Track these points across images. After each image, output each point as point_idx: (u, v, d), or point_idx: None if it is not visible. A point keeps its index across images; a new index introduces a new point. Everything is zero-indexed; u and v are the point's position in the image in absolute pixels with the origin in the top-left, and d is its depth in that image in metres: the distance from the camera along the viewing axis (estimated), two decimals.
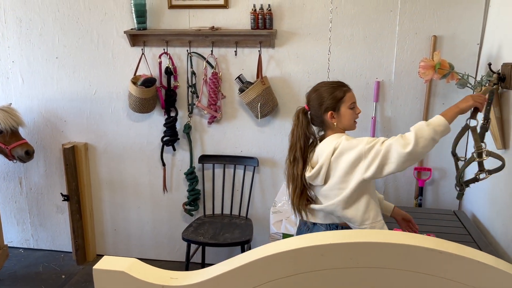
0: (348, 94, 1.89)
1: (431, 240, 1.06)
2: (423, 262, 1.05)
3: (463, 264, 1.03)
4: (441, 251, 1.03)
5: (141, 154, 3.13)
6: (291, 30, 2.78)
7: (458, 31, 2.63)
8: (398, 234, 1.09)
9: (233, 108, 2.96)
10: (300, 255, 1.09)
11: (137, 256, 3.31)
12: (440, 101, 2.73)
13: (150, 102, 2.89)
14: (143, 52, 2.91)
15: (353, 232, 1.10)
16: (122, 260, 1.21)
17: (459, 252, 1.02)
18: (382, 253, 1.06)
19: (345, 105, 1.87)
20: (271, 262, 1.10)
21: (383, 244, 1.05)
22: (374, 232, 1.09)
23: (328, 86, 1.92)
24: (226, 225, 2.86)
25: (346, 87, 1.91)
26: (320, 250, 1.07)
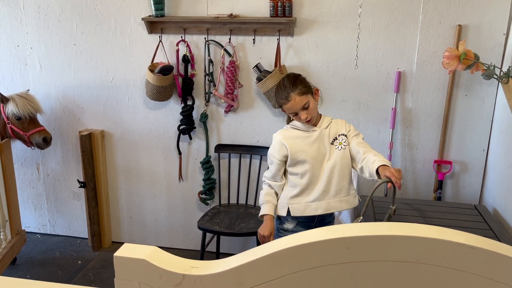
0: (285, 107, 1.99)
1: (462, 235, 1.02)
2: (452, 257, 1.01)
3: (495, 261, 0.99)
4: (472, 246, 0.99)
5: (157, 142, 3.13)
6: (311, 18, 2.73)
7: (484, 21, 2.54)
8: (427, 227, 1.05)
9: (250, 97, 2.92)
10: (324, 247, 1.05)
11: (152, 243, 3.31)
12: (463, 92, 2.66)
13: (167, 90, 2.87)
14: (160, 40, 2.89)
15: (380, 224, 1.07)
16: (143, 248, 1.19)
17: (491, 248, 0.98)
18: (410, 247, 1.02)
19: (286, 111, 2.04)
20: (294, 254, 1.08)
21: (411, 238, 1.02)
22: (402, 225, 1.06)
23: (277, 86, 2.05)
24: (242, 214, 2.85)
25: (289, 95, 1.96)
26: (346, 243, 1.04)
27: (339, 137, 2.06)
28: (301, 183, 2.05)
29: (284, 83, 2.01)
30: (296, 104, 1.96)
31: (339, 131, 2.08)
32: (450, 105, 2.68)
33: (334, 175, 2.02)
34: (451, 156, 2.77)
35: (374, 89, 2.76)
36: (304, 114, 1.98)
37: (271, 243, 1.13)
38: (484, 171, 2.74)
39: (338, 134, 2.07)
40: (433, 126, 2.74)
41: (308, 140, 2.05)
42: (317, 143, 2.04)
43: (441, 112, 2.70)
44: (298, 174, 2.05)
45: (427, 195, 2.85)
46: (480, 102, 2.65)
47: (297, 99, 1.96)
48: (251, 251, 1.15)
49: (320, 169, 2.03)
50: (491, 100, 2.63)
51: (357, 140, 2.04)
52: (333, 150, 2.04)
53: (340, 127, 2.09)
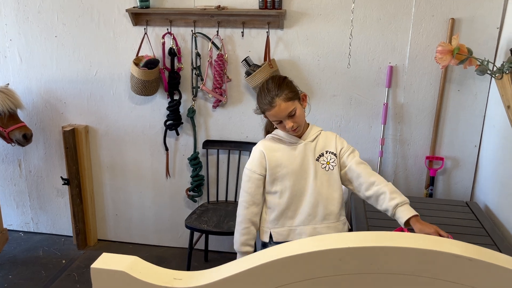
0: (268, 113, 1.77)
1: (459, 245, 0.97)
2: (450, 269, 0.96)
3: (494, 273, 0.94)
4: (470, 258, 0.94)
5: (143, 138, 3.04)
6: (301, 10, 2.65)
7: (477, 14, 2.49)
8: (423, 238, 1.00)
9: (239, 92, 2.85)
10: (315, 259, 1.00)
11: (138, 241, 3.26)
12: (456, 87, 2.61)
13: (152, 85, 2.78)
14: (145, 32, 2.79)
15: (375, 235, 1.01)
16: (122, 258, 1.13)
17: (490, 260, 0.93)
18: (406, 259, 0.97)
19: (269, 118, 1.82)
20: (283, 266, 1.02)
21: (407, 249, 0.96)
22: (397, 235, 1.00)
23: (262, 87, 1.80)
24: (231, 212, 2.79)
25: (273, 100, 1.72)
26: (338, 254, 0.98)
27: (326, 154, 1.83)
28: (280, 204, 1.81)
29: (268, 86, 1.76)
30: (280, 111, 1.72)
31: (326, 146, 1.84)
32: (442, 101, 2.64)
33: (321, 197, 1.80)
34: (443, 152, 2.73)
35: (365, 84, 2.70)
36: (290, 122, 1.74)
37: (259, 254, 1.07)
38: (476, 167, 2.70)
39: (326, 151, 1.83)
40: (425, 122, 2.69)
41: (291, 153, 1.81)
42: (300, 157, 1.81)
43: (433, 107, 2.66)
44: (277, 192, 1.81)
45: (418, 192, 2.81)
46: (473, 97, 2.60)
47: (282, 106, 1.72)
48: (238, 262, 1.09)
49: (304, 188, 1.81)
50: (484, 96, 2.59)
51: (355, 160, 1.81)
52: (318, 168, 1.81)
53: (329, 142, 1.85)
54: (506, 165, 2.31)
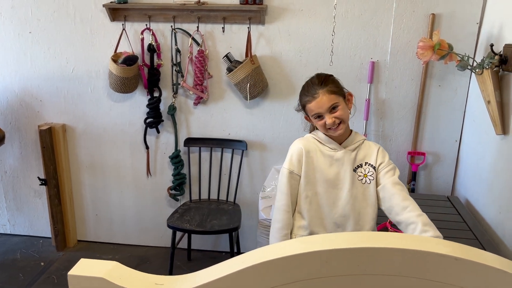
0: (308, 106, 1.65)
1: (446, 245, 0.96)
2: (436, 269, 0.95)
3: (481, 272, 0.93)
4: (456, 257, 0.93)
5: (123, 136, 2.97)
6: (283, 5, 2.62)
7: (457, 9, 2.50)
8: (409, 238, 0.98)
9: (221, 88, 2.81)
10: (301, 261, 0.97)
11: (120, 241, 3.20)
12: (437, 83, 2.62)
13: (132, 82, 2.71)
14: (124, 28, 2.72)
15: (361, 235, 0.99)
16: (101, 264, 1.08)
17: (476, 259, 0.93)
18: (392, 260, 0.96)
19: (309, 114, 1.68)
20: (268, 269, 0.99)
21: (393, 250, 0.95)
22: (382, 235, 0.98)
23: (306, 82, 1.72)
24: (213, 210, 2.75)
25: (309, 96, 1.64)
26: (324, 256, 0.96)
27: (364, 165, 1.69)
28: (310, 210, 1.70)
29: (313, 80, 1.69)
30: (323, 103, 1.60)
31: (367, 157, 1.70)
32: (424, 96, 2.65)
33: (353, 211, 1.69)
34: (424, 147, 2.74)
35: (347, 80, 2.67)
36: (331, 118, 1.61)
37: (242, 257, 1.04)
38: (457, 162, 2.73)
39: (365, 162, 1.70)
40: (407, 117, 2.70)
41: (329, 159, 1.68)
42: (337, 166, 1.68)
43: (414, 103, 2.67)
44: (308, 197, 1.70)
45: None
46: (453, 92, 2.62)
47: (325, 97, 1.60)
48: (220, 266, 1.06)
49: (337, 197, 1.69)
50: (464, 91, 2.61)
51: (392, 179, 1.65)
52: (355, 179, 1.68)
53: (371, 153, 1.71)
54: (486, 159, 2.33)
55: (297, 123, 2.80)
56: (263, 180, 2.88)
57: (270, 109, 2.81)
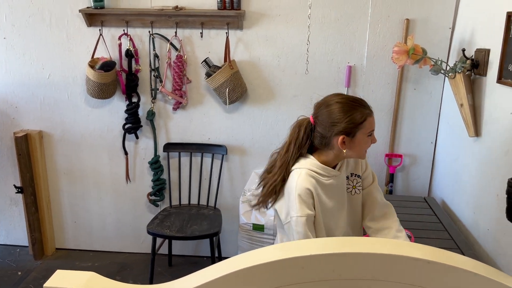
0: (369, 119, 1.53)
1: (418, 248, 0.99)
2: (410, 272, 0.97)
3: (452, 274, 0.96)
4: (429, 260, 0.96)
5: (102, 142, 2.94)
6: (260, 11, 2.64)
7: (431, 15, 2.56)
8: (382, 242, 1.01)
9: (200, 93, 2.81)
10: (278, 267, 0.99)
11: (99, 249, 3.16)
12: (412, 86, 2.68)
13: (109, 87, 2.69)
14: (101, 33, 2.70)
15: (335, 241, 1.01)
16: (78, 275, 1.08)
17: (448, 262, 0.95)
18: (366, 264, 0.98)
19: (363, 131, 1.52)
20: (247, 276, 1.00)
21: (367, 255, 0.97)
22: (358, 241, 1.01)
23: (345, 103, 1.53)
24: (194, 216, 2.75)
25: (368, 109, 1.55)
26: (301, 262, 0.98)
27: (351, 177, 1.67)
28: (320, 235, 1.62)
29: (353, 100, 1.56)
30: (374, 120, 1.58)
31: (352, 169, 1.68)
32: (400, 99, 2.70)
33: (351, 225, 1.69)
34: (401, 149, 2.80)
35: (325, 84, 2.73)
36: (376, 138, 1.61)
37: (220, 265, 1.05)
38: (433, 163, 2.79)
39: (350, 173, 1.67)
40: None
41: (329, 189, 1.59)
42: (337, 191, 1.62)
43: (391, 106, 2.72)
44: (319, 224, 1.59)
45: None
46: (428, 96, 2.68)
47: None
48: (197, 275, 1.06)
49: (339, 218, 1.64)
50: (438, 94, 2.67)
51: (374, 184, 1.70)
52: (347, 194, 1.67)
53: (354, 164, 1.69)
54: (460, 161, 2.39)
55: (277, 127, 2.83)
56: (244, 184, 2.89)
57: (250, 113, 2.82)
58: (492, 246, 2.01)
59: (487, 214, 2.07)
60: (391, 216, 1.66)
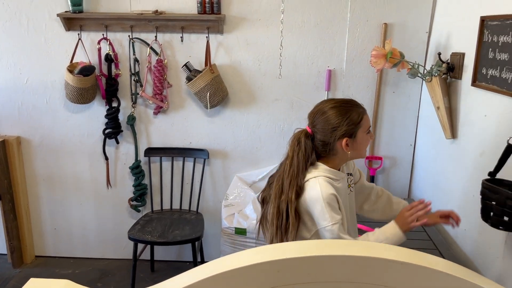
0: (365, 117, 1.61)
1: (392, 250, 1.00)
2: (384, 274, 0.99)
3: (425, 275, 0.97)
4: (402, 262, 0.97)
5: (82, 148, 2.91)
6: (240, 15, 2.65)
7: (408, 19, 2.61)
8: (357, 244, 1.02)
9: (181, 97, 2.80)
10: (254, 271, 0.99)
11: (80, 255, 3.12)
12: (391, 89, 2.72)
13: (89, 92, 2.67)
14: (79, 38, 2.67)
15: (311, 244, 1.02)
16: (52, 283, 1.06)
17: (421, 262, 0.97)
18: (341, 266, 0.99)
19: (362, 130, 1.59)
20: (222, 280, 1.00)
21: (342, 257, 0.98)
22: (332, 243, 1.02)
23: (339, 106, 1.59)
24: (176, 221, 2.73)
25: (361, 107, 1.62)
26: (276, 266, 0.98)
27: (347, 176, 1.73)
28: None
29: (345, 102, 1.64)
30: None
31: (348, 168, 1.75)
32: (379, 102, 2.74)
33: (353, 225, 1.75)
34: (381, 152, 2.83)
35: (306, 88, 2.75)
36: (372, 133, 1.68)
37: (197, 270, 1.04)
38: (412, 165, 2.83)
39: (347, 173, 1.73)
40: None
41: (343, 192, 1.65)
42: (344, 192, 1.67)
43: (370, 109, 2.75)
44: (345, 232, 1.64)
45: None
46: (407, 99, 2.72)
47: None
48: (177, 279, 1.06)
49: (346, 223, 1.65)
50: (417, 97, 2.71)
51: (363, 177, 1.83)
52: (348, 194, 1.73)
53: (348, 163, 1.74)
54: (438, 162, 2.43)
55: (258, 131, 2.84)
56: (226, 188, 2.89)
57: (231, 117, 2.82)
58: (469, 246, 2.05)
59: (464, 215, 2.11)
60: (383, 192, 1.84)
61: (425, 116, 2.65)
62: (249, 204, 2.72)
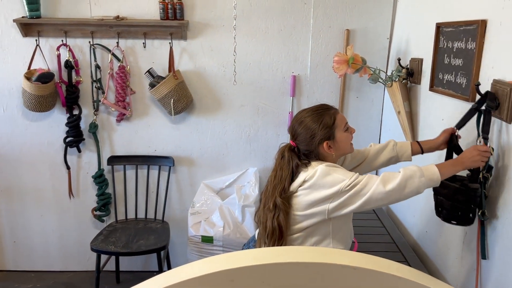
0: (338, 116, 1.65)
1: (346, 255, 1.00)
2: (338, 280, 0.98)
3: (378, 279, 0.97)
4: (355, 267, 0.97)
5: (42, 157, 2.82)
6: (204, 21, 2.63)
7: (370, 26, 2.65)
8: (311, 251, 1.01)
9: (144, 104, 2.75)
10: (207, 282, 0.97)
11: (42, 269, 3.01)
12: (354, 94, 2.75)
13: (48, 100, 2.59)
14: (37, 44, 2.59)
15: (265, 251, 1.01)
16: None
17: (373, 267, 0.97)
18: (295, 273, 0.98)
19: (339, 129, 1.64)
20: None
21: (296, 264, 0.97)
22: (286, 251, 1.01)
23: (311, 115, 1.64)
24: (141, 230, 2.67)
25: (332, 109, 1.67)
26: (230, 275, 0.96)
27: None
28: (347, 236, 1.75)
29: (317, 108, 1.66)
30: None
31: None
32: (343, 107, 2.76)
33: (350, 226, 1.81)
34: None
35: (271, 94, 2.75)
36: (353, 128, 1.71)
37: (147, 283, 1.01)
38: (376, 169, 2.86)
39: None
40: None
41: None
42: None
43: None
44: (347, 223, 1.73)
45: None
46: (370, 103, 2.76)
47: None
48: None
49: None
50: (379, 102, 2.76)
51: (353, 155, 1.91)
52: None
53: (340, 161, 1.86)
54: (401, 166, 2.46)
55: (225, 137, 2.82)
56: (193, 195, 2.85)
57: (197, 123, 2.79)
58: (430, 248, 2.09)
59: (424, 217, 2.15)
60: (377, 145, 1.92)
61: (388, 121, 2.70)
62: (216, 212, 2.69)
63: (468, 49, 1.70)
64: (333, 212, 1.54)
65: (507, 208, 1.47)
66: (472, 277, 1.67)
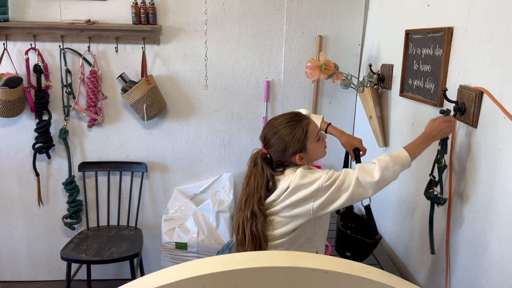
0: (310, 127, 1.63)
1: (317, 259, 1.01)
2: (309, 283, 0.99)
3: (348, 282, 0.98)
4: (326, 270, 0.98)
5: (9, 164, 2.73)
6: (177, 26, 2.62)
7: (342, 32, 2.69)
8: (283, 255, 1.01)
9: (117, 109, 2.71)
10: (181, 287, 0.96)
11: (9, 279, 2.92)
12: (327, 100, 2.79)
13: (16, 105, 2.52)
14: (5, 47, 2.52)
15: (236, 257, 1.00)
16: None
17: (344, 270, 0.98)
18: (267, 278, 0.98)
19: (311, 140, 1.63)
20: None
21: (267, 269, 0.97)
22: (257, 255, 1.01)
23: (286, 126, 1.62)
24: (113, 237, 2.62)
25: (304, 119, 1.64)
26: (201, 281, 0.96)
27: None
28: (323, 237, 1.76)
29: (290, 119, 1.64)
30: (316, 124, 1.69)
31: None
32: (317, 112, 2.79)
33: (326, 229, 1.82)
34: (320, 160, 2.87)
35: (245, 99, 2.76)
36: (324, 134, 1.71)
37: None
38: None
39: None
40: None
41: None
42: None
43: None
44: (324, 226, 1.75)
45: None
46: (343, 109, 2.80)
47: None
48: None
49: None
50: (352, 107, 2.80)
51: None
52: None
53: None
54: None
55: (199, 142, 2.80)
56: (166, 202, 2.82)
57: (170, 129, 2.77)
58: (402, 250, 2.12)
59: (397, 220, 2.19)
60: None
61: (360, 125, 2.74)
62: (190, 218, 2.67)
63: (436, 56, 1.75)
64: (319, 211, 1.54)
65: (472, 208, 1.51)
66: (442, 278, 1.70)
